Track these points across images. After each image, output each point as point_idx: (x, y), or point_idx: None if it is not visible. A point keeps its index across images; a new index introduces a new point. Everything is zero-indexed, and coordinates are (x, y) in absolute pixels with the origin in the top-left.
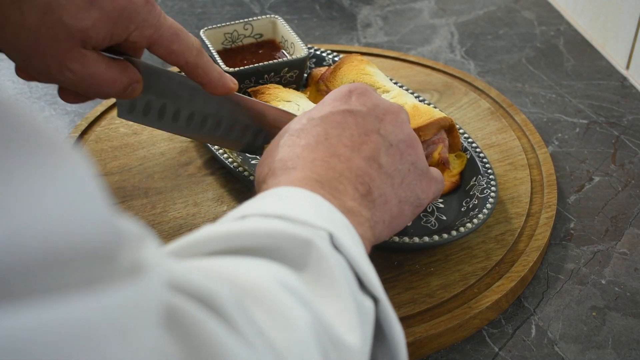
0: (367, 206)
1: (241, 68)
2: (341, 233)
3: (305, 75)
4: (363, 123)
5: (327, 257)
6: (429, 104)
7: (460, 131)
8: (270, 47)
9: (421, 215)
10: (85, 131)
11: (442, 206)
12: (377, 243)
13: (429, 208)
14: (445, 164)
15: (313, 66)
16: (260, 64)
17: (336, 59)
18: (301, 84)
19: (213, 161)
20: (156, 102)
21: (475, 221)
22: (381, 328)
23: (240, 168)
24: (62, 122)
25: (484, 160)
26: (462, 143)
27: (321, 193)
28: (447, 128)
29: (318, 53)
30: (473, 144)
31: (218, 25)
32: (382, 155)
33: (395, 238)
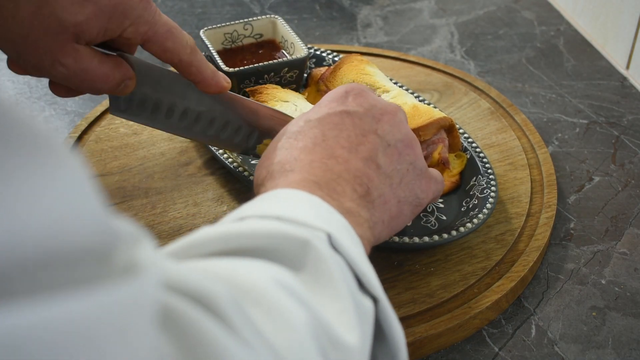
0: (366, 207)
1: (241, 68)
2: (340, 234)
3: (305, 75)
4: (360, 124)
5: (326, 258)
6: (429, 104)
7: (460, 131)
8: (270, 47)
9: (421, 215)
10: (85, 131)
11: (442, 206)
12: (377, 243)
13: (429, 208)
14: (445, 164)
15: (313, 66)
16: (260, 64)
17: (336, 59)
18: (301, 84)
19: (213, 161)
20: (149, 99)
21: (475, 221)
22: (381, 328)
23: (240, 168)
24: (62, 122)
25: (484, 160)
26: (462, 143)
27: (319, 195)
28: (447, 128)
29: (318, 53)
30: (473, 144)
31: (218, 25)
32: (380, 155)
33: (395, 238)
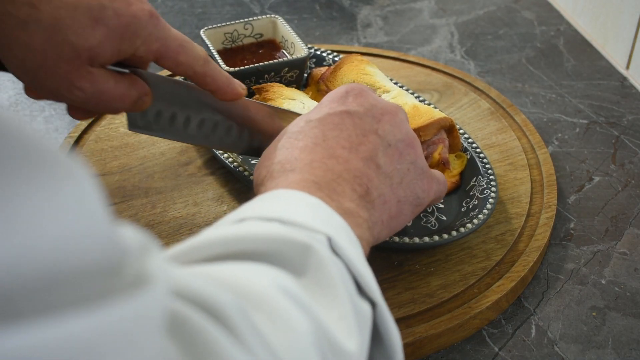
0: (365, 207)
1: (241, 68)
2: (339, 236)
3: (305, 75)
4: (360, 124)
5: (327, 263)
6: (429, 104)
7: (460, 131)
8: (270, 47)
9: (421, 215)
10: (85, 131)
11: (442, 206)
12: (377, 243)
13: (429, 208)
14: (445, 164)
15: (313, 66)
16: (260, 64)
17: (336, 59)
18: (301, 84)
19: (213, 161)
20: (166, 112)
21: (475, 221)
22: (378, 330)
23: (240, 168)
24: (62, 122)
25: (484, 160)
26: (462, 143)
27: (319, 195)
28: (447, 128)
29: (318, 53)
30: (473, 144)
31: (218, 25)
32: (380, 155)
33: (395, 238)
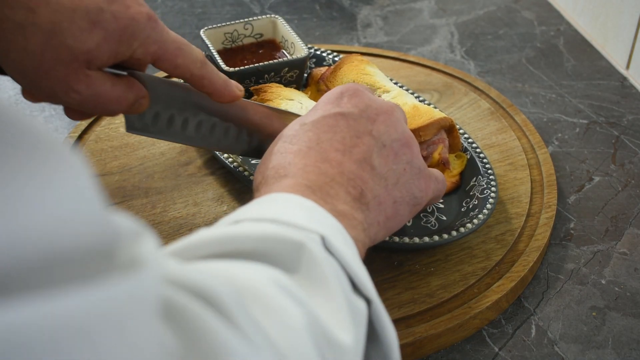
0: (360, 209)
1: (241, 68)
2: (333, 236)
3: (305, 75)
4: (355, 125)
5: (319, 260)
6: (429, 104)
7: (460, 131)
8: (270, 47)
9: (421, 215)
10: (85, 131)
11: (442, 206)
12: (374, 244)
13: (429, 208)
14: (445, 164)
15: (313, 66)
16: (260, 64)
17: (336, 59)
18: (301, 84)
19: (213, 161)
20: (163, 114)
21: (475, 221)
22: (374, 329)
23: (240, 168)
24: (62, 122)
25: (484, 160)
26: (462, 143)
27: (313, 199)
28: (447, 128)
29: (318, 53)
30: (473, 144)
31: (218, 25)
32: (375, 156)
33: (395, 238)
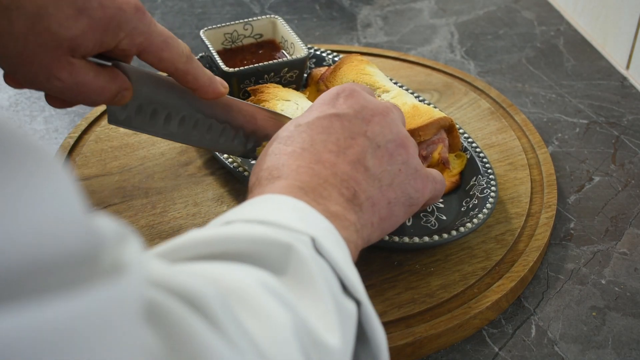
0: (353, 209)
1: (241, 68)
2: (324, 237)
3: (305, 75)
4: (349, 126)
5: (308, 261)
6: (429, 104)
7: (460, 131)
8: (270, 48)
9: (421, 215)
10: (85, 131)
11: (442, 206)
12: (368, 245)
13: (429, 208)
14: (445, 164)
15: (313, 66)
16: (260, 64)
17: (336, 59)
18: (301, 84)
19: (213, 161)
20: (146, 108)
21: (475, 221)
22: (364, 330)
23: (240, 168)
24: (62, 122)
25: (484, 160)
26: (462, 143)
27: (305, 200)
28: (447, 128)
29: (318, 53)
30: (473, 144)
31: (218, 25)
32: (369, 157)
33: (395, 238)
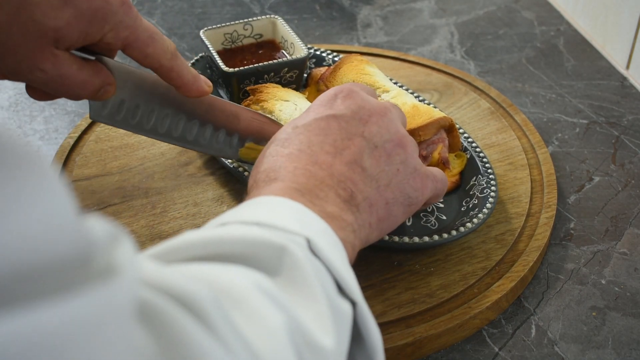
0: (350, 210)
1: (241, 68)
2: (319, 238)
3: (305, 75)
4: (346, 127)
5: (302, 263)
6: (429, 104)
7: (460, 131)
8: (270, 48)
9: (421, 215)
10: (85, 131)
11: (442, 206)
12: (367, 245)
13: (429, 208)
14: (445, 164)
15: (313, 66)
16: (260, 64)
17: (336, 59)
18: (301, 84)
19: (213, 161)
20: (129, 104)
21: (475, 221)
22: (359, 331)
23: (240, 168)
24: (62, 122)
25: (484, 159)
26: (462, 143)
27: (301, 201)
28: (447, 128)
29: (318, 53)
30: (473, 144)
31: (218, 25)
32: (366, 158)
33: (395, 238)
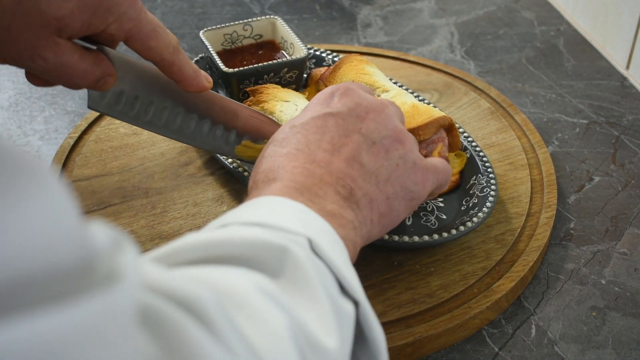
0: (350, 207)
1: (240, 69)
2: (320, 238)
3: (304, 75)
4: (343, 124)
5: (303, 263)
6: (429, 104)
7: (459, 130)
8: (269, 48)
9: (421, 214)
10: (85, 131)
11: (442, 205)
12: (369, 242)
13: (429, 207)
14: None
15: (313, 66)
16: (259, 65)
17: (336, 59)
18: (301, 85)
19: (213, 161)
20: (128, 95)
21: (475, 220)
22: (362, 330)
23: (240, 168)
24: (62, 122)
25: (484, 159)
26: (462, 142)
27: (300, 200)
28: (447, 127)
29: (318, 53)
30: (473, 143)
31: (218, 26)
32: (364, 154)
33: (395, 237)
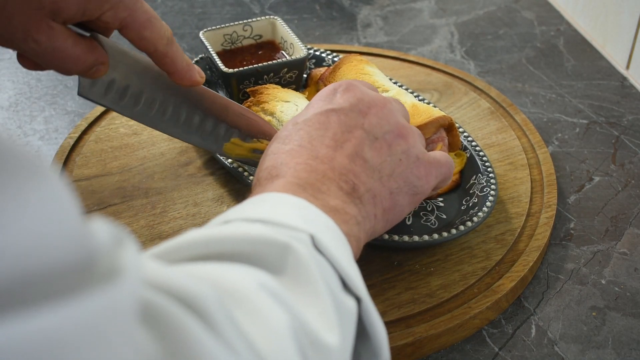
0: (353, 202)
1: (240, 69)
2: (322, 234)
3: (304, 75)
4: (346, 120)
5: (305, 260)
6: (429, 104)
7: (459, 130)
8: (269, 48)
9: (421, 214)
10: (85, 131)
11: (442, 205)
12: (373, 237)
13: (429, 207)
14: None
15: (312, 66)
16: (259, 65)
17: (336, 60)
18: (301, 85)
19: (213, 161)
20: (119, 84)
21: (475, 219)
22: (364, 327)
23: (240, 169)
24: (62, 122)
25: (484, 158)
26: (462, 142)
27: (303, 196)
28: (447, 127)
29: (318, 53)
30: (473, 143)
31: (217, 26)
32: (367, 149)
33: (395, 236)
